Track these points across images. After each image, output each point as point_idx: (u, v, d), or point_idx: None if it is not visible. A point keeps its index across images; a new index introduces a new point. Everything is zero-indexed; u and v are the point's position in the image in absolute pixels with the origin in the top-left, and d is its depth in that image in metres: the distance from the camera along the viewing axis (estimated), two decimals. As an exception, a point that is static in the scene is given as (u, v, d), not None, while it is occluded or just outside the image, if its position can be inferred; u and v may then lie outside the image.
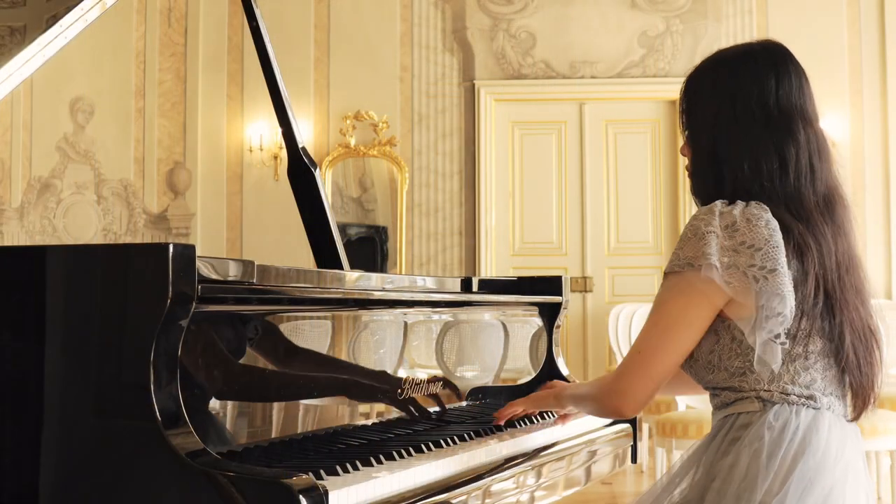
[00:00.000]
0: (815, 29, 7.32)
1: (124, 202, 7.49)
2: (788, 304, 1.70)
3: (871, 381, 1.80)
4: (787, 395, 1.74)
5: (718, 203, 1.75)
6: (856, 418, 1.82)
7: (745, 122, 1.80)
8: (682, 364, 1.82)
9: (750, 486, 1.67)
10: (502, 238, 7.59)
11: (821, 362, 1.76)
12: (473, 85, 7.55)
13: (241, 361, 1.70)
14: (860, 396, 1.80)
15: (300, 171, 2.63)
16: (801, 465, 1.67)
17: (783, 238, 1.72)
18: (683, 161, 1.94)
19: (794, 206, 1.77)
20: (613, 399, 1.81)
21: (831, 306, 1.76)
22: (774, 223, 1.72)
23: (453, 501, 1.77)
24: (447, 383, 2.29)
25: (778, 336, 1.71)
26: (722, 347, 1.78)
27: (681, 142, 1.94)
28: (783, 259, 1.70)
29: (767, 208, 1.74)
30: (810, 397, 1.74)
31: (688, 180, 1.93)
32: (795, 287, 1.71)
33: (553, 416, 2.40)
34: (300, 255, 3.29)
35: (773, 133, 1.79)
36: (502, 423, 2.25)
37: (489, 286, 2.62)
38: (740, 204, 1.74)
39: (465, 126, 7.55)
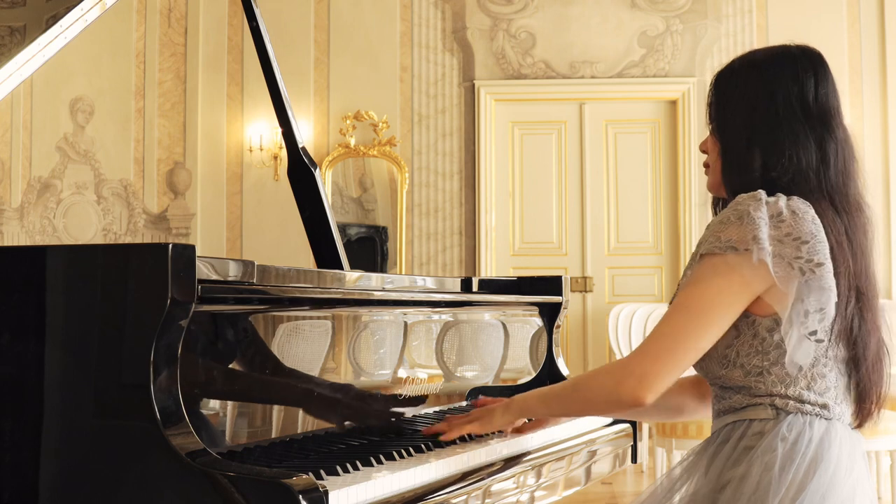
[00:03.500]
0: (815, 29, 7.32)
1: (124, 202, 7.49)
2: (832, 299, 1.67)
3: (879, 388, 1.78)
4: (802, 402, 1.71)
5: (762, 191, 1.71)
6: (860, 426, 1.80)
7: (784, 117, 1.77)
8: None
9: (761, 499, 1.64)
10: (502, 238, 7.59)
11: (836, 369, 1.74)
12: (473, 85, 7.54)
13: (241, 361, 1.70)
14: (868, 403, 1.78)
15: (300, 171, 2.63)
16: (815, 480, 1.64)
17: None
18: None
19: (839, 200, 1.76)
20: (631, 384, 1.66)
21: (861, 307, 1.74)
22: (818, 220, 1.70)
23: (453, 501, 1.77)
24: (447, 383, 2.29)
25: (814, 333, 1.68)
26: (741, 343, 1.73)
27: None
28: (828, 254, 1.68)
29: (810, 204, 1.71)
30: (824, 406, 1.72)
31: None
32: None
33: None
34: (300, 255, 3.29)
35: (814, 129, 1.78)
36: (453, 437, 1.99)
37: (489, 286, 2.62)
38: (783, 196, 1.70)
39: (465, 126, 7.55)
